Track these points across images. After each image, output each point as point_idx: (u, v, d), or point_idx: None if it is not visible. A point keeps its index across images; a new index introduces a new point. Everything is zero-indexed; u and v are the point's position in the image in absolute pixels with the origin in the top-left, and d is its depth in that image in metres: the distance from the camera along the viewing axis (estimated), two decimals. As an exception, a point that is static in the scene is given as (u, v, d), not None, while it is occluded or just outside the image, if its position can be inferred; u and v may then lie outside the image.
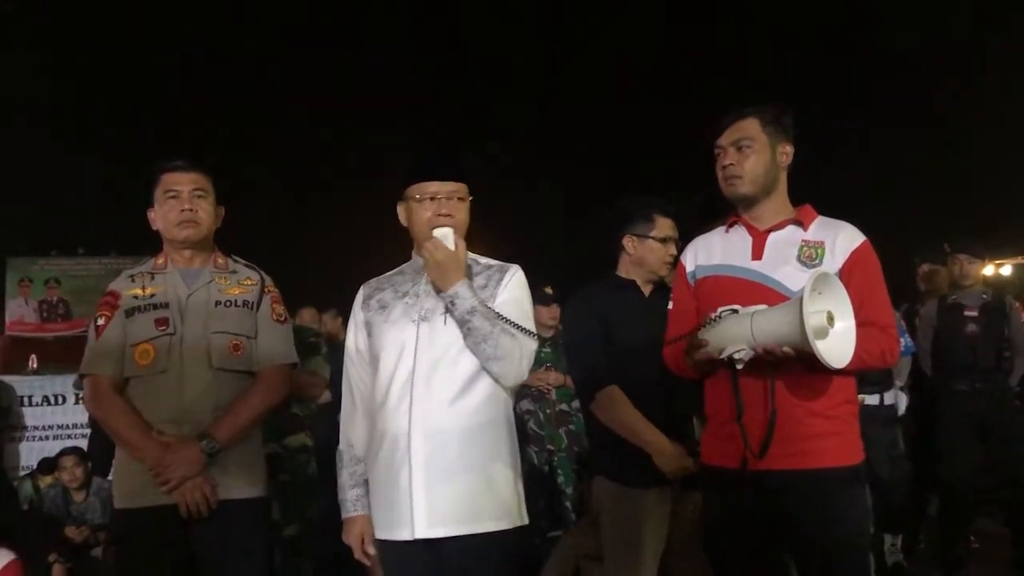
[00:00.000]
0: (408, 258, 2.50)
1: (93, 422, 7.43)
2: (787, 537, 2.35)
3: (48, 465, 6.50)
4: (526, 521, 2.34)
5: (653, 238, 3.06)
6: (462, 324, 2.25)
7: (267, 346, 2.75)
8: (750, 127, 2.46)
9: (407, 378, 2.28)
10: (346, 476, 2.40)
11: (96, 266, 16.16)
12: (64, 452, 6.17)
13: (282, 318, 2.83)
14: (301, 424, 4.19)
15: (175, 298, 2.69)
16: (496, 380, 2.30)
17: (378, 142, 14.91)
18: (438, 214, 2.33)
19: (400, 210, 2.43)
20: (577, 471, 4.98)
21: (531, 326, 2.32)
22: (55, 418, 8.79)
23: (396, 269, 2.51)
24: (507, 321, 2.26)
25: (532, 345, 2.30)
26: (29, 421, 8.99)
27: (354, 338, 2.44)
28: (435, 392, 2.26)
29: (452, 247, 2.27)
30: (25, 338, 15.36)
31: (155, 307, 2.67)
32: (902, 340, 4.69)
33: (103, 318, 2.67)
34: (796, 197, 2.55)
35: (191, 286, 2.73)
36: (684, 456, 2.73)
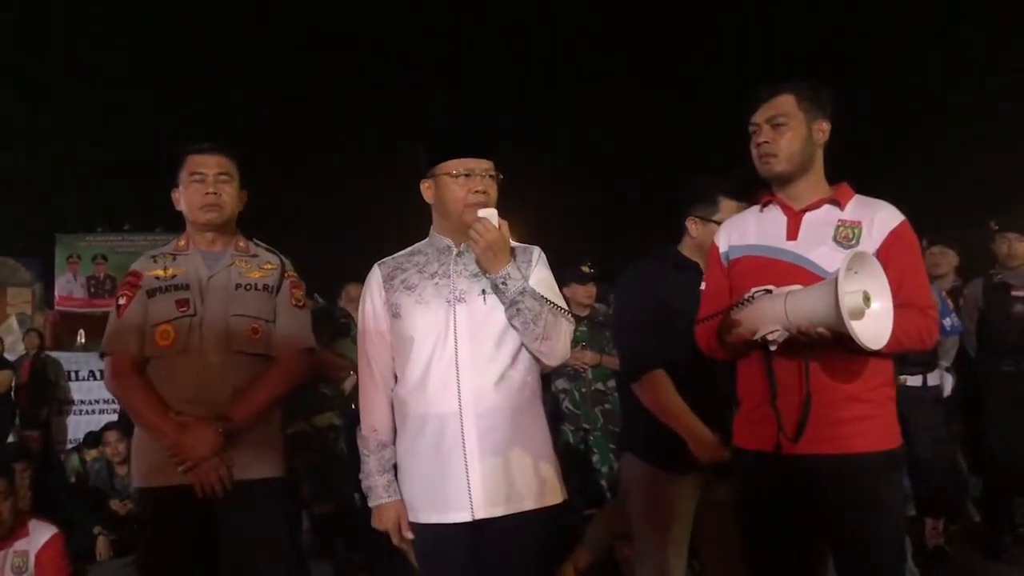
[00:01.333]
0: (421, 236, 2.47)
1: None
2: (821, 522, 2.30)
3: (94, 439, 6.65)
4: (565, 496, 2.35)
5: (716, 221, 2.93)
6: (512, 305, 2.23)
7: (285, 330, 2.75)
8: (786, 104, 2.39)
9: (450, 360, 2.26)
10: (374, 462, 2.36)
11: (142, 242, 16.38)
12: (107, 427, 6.30)
13: (301, 303, 2.84)
14: (329, 404, 4.22)
15: (196, 280, 2.70)
16: (539, 360, 2.31)
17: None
18: (473, 191, 2.30)
19: (425, 187, 2.39)
20: (613, 450, 4.96)
21: (563, 303, 2.32)
22: (102, 392, 8.96)
23: (411, 248, 2.46)
24: (549, 301, 2.24)
25: (571, 324, 2.31)
26: (76, 395, 9.21)
27: (372, 318, 2.39)
28: (483, 374, 2.25)
29: (497, 227, 2.24)
30: (74, 313, 15.70)
31: (176, 288, 2.68)
32: (948, 319, 4.59)
33: (124, 297, 2.70)
34: (832, 175, 2.48)
35: (212, 268, 2.74)
36: (721, 447, 2.67)
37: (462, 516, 2.22)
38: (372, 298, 2.40)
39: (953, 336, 4.78)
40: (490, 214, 2.24)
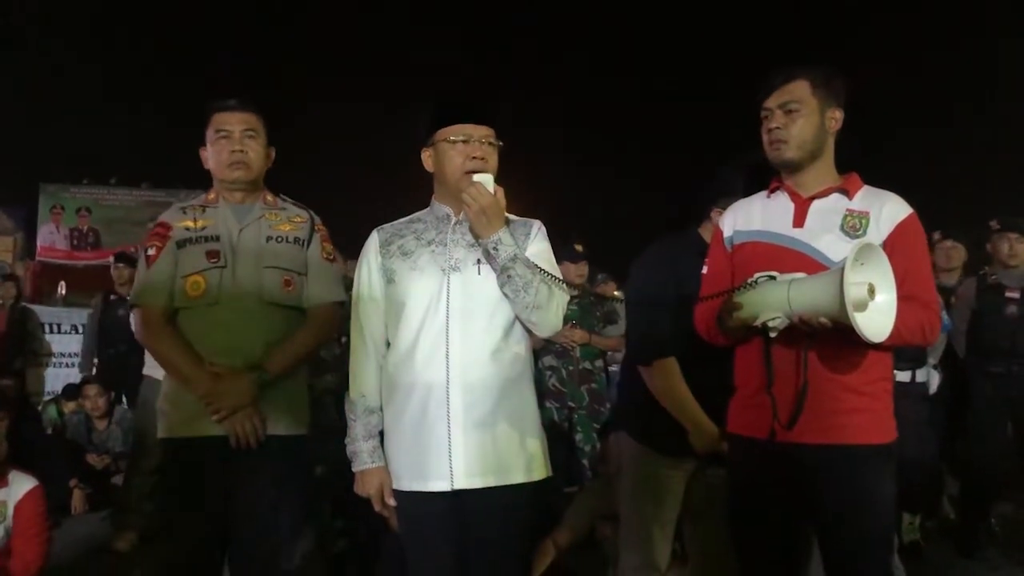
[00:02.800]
0: (422, 205, 2.45)
1: (102, 349, 7.48)
2: (811, 511, 2.30)
3: (72, 391, 6.58)
4: (551, 472, 2.36)
5: None
6: (503, 271, 2.21)
7: (317, 284, 2.76)
8: (799, 90, 2.36)
9: (441, 329, 2.24)
10: (360, 427, 2.35)
11: (127, 197, 16.31)
12: (87, 380, 6.25)
13: (331, 256, 2.84)
14: (327, 367, 4.20)
15: (226, 232, 2.69)
16: (531, 330, 2.30)
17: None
18: (472, 157, 2.27)
19: (425, 155, 2.37)
20: (597, 430, 4.95)
21: (560, 277, 2.30)
22: (81, 346, 8.87)
23: (410, 216, 2.45)
24: (543, 271, 2.23)
25: (565, 297, 2.29)
26: (56, 348, 9.12)
27: (368, 283, 2.38)
28: (473, 344, 2.24)
29: (492, 192, 2.21)
30: (55, 265, 15.57)
31: (206, 239, 2.67)
32: (941, 316, 4.60)
33: (154, 248, 2.68)
34: (842, 165, 2.45)
35: (242, 221, 2.72)
36: (719, 440, 2.66)
37: (441, 485, 2.22)
38: (368, 263, 2.39)
39: (942, 334, 4.79)
40: (485, 179, 2.22)
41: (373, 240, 2.41)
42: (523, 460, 2.27)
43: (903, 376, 4.47)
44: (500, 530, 2.25)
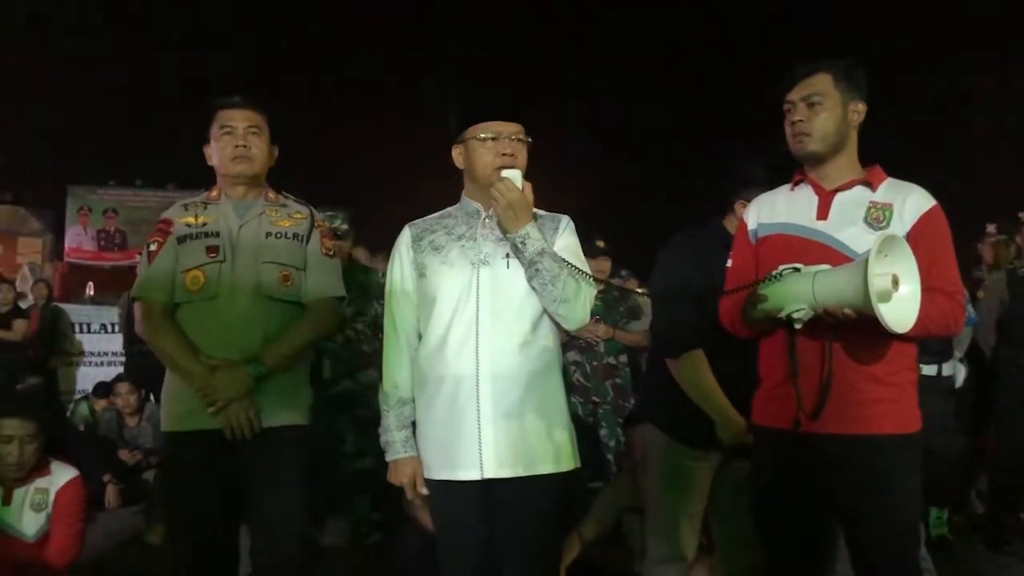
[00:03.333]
0: (452, 201, 2.49)
1: (129, 346, 7.59)
2: (836, 502, 2.31)
3: (104, 389, 6.68)
4: (579, 464, 2.39)
5: None
6: (531, 265, 2.25)
7: (316, 279, 2.78)
8: (822, 83, 2.37)
9: (470, 322, 2.29)
10: (392, 418, 2.41)
11: (153, 198, 16.48)
12: (119, 378, 6.34)
13: (331, 252, 2.86)
14: (370, 361, 4.25)
15: (226, 228, 2.73)
16: (559, 323, 2.33)
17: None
18: (501, 154, 2.31)
19: (456, 152, 2.41)
20: (621, 423, 4.96)
21: (588, 272, 2.33)
22: (111, 344, 9.04)
23: (442, 212, 2.49)
24: (570, 265, 2.25)
25: (592, 291, 2.32)
26: (86, 347, 9.25)
27: (400, 277, 2.43)
28: (502, 337, 2.28)
29: (520, 188, 2.25)
30: (83, 265, 15.77)
31: (206, 235, 2.71)
32: (968, 309, 4.58)
33: (155, 244, 2.73)
34: (866, 157, 2.46)
35: (243, 217, 2.76)
36: (746, 432, 2.67)
37: (472, 474, 2.26)
38: (400, 258, 2.44)
39: (968, 327, 4.77)
40: (514, 175, 2.26)
41: (405, 235, 2.46)
42: (552, 451, 2.30)
43: (929, 370, 4.46)
44: (530, 520, 2.28)
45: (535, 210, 2.35)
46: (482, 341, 2.27)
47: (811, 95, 2.37)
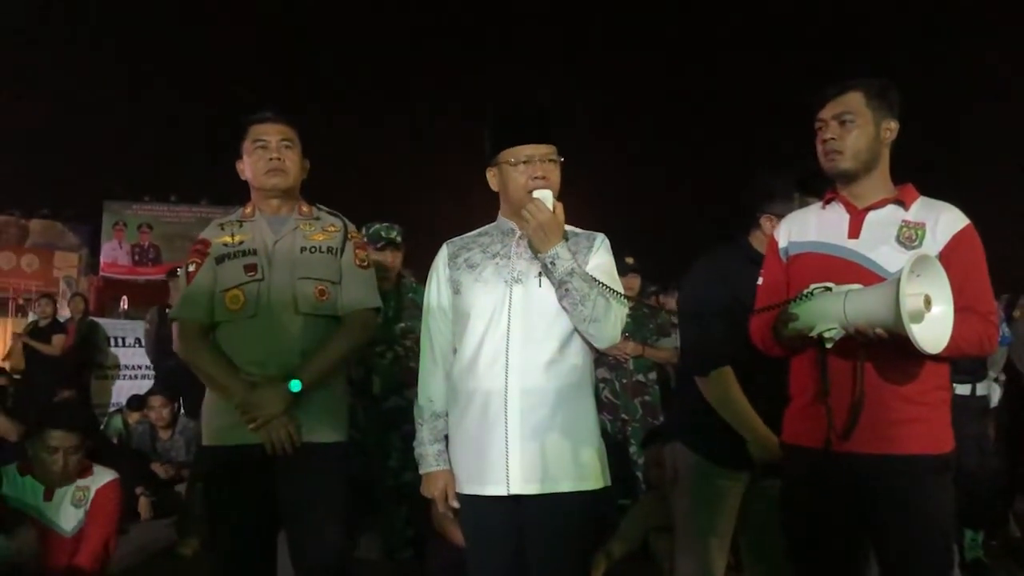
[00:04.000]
0: (489, 220, 2.52)
1: (158, 362, 7.67)
2: (867, 522, 2.29)
3: (137, 402, 6.75)
4: (609, 482, 2.38)
5: None
6: (560, 285, 2.27)
7: (351, 291, 2.81)
8: (854, 101, 2.37)
9: (502, 338, 2.32)
10: (426, 432, 2.46)
11: (187, 213, 16.71)
12: (152, 392, 6.41)
13: (365, 263, 2.89)
14: (415, 378, 4.28)
15: (262, 245, 2.77)
16: (589, 342, 2.34)
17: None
18: (533, 177, 2.34)
19: (490, 174, 2.45)
20: (643, 440, 4.94)
21: (620, 290, 2.34)
22: (145, 358, 9.11)
23: (478, 230, 2.53)
24: (601, 284, 2.27)
25: (624, 310, 2.33)
26: (120, 360, 9.37)
27: (436, 294, 2.48)
28: (532, 354, 2.30)
29: (551, 209, 2.28)
30: (117, 280, 15.99)
31: (244, 254, 2.75)
32: (1001, 329, 4.53)
33: (194, 264, 2.77)
34: (898, 176, 2.46)
35: (277, 233, 2.79)
36: (778, 449, 2.66)
37: (498, 490, 2.28)
38: (437, 275, 2.49)
39: (1002, 347, 4.72)
40: (545, 195, 2.30)
41: (443, 253, 2.50)
42: (580, 469, 2.30)
43: (963, 389, 4.41)
44: (556, 537, 2.29)
45: (570, 228, 2.39)
46: (512, 357, 2.30)
47: (843, 113, 2.37)
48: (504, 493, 2.27)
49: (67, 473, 3.51)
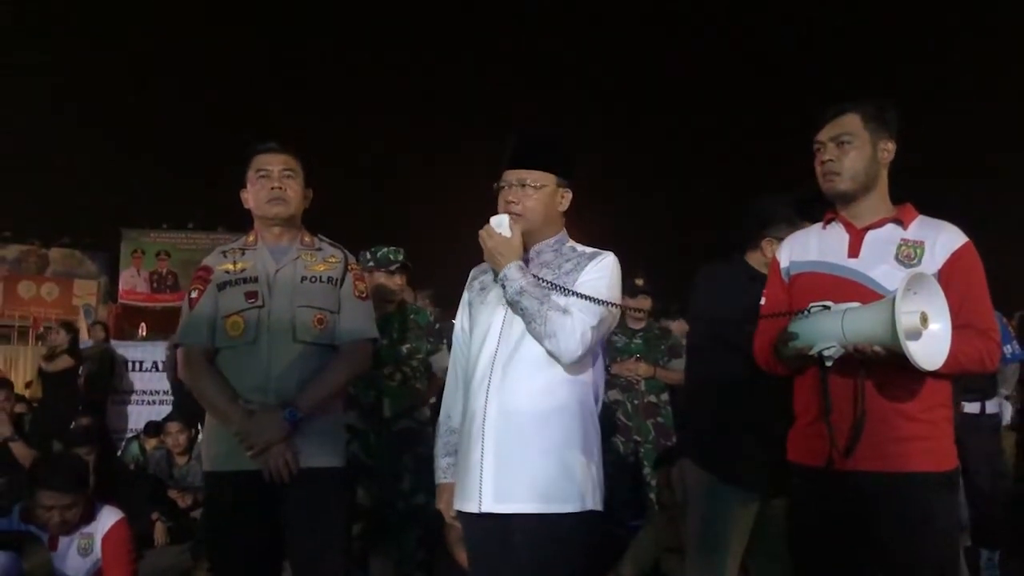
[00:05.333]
0: None
1: (177, 387, 7.75)
2: (872, 539, 2.30)
3: (154, 428, 6.81)
4: (598, 507, 2.35)
5: None
6: (514, 306, 2.34)
7: (349, 321, 2.86)
8: (851, 123, 2.41)
9: (490, 359, 2.37)
10: (440, 445, 2.53)
11: (204, 240, 16.84)
12: (169, 418, 6.46)
13: (364, 295, 2.94)
14: (424, 399, 4.32)
15: (264, 273, 2.81)
16: (554, 358, 2.32)
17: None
18: (507, 201, 2.42)
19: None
20: (656, 461, 4.95)
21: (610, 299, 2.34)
22: (163, 383, 9.17)
23: None
24: (569, 292, 2.30)
25: (590, 320, 2.29)
26: (138, 386, 9.44)
27: (460, 317, 2.57)
28: (511, 374, 2.34)
29: (508, 233, 2.35)
30: (136, 307, 16.12)
31: (245, 281, 2.80)
32: (1009, 347, 4.51)
33: (196, 291, 2.83)
34: (897, 195, 2.48)
35: (279, 262, 2.84)
36: None
37: (472, 507, 2.32)
38: (463, 299, 2.58)
39: (1014, 364, 4.69)
40: (499, 221, 2.38)
41: (470, 277, 2.59)
42: (562, 490, 2.29)
43: (972, 407, 4.40)
44: (539, 558, 2.27)
45: (584, 248, 2.45)
46: (495, 377, 2.35)
47: (840, 135, 2.40)
48: (476, 511, 2.31)
49: (66, 526, 3.50)
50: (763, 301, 2.62)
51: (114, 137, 17.51)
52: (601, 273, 2.39)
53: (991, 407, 4.52)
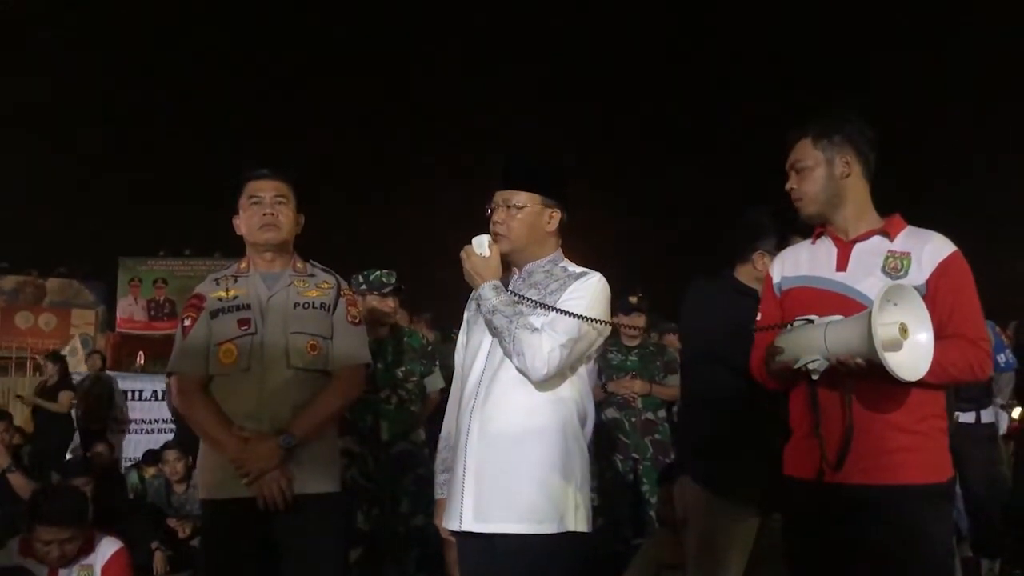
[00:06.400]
0: None
1: (177, 416, 7.75)
2: (865, 552, 2.30)
3: (153, 457, 6.79)
4: (581, 528, 2.34)
5: None
6: (488, 325, 2.38)
7: (342, 347, 2.85)
8: (802, 148, 2.46)
9: (477, 378, 2.41)
10: (439, 460, 2.56)
11: (202, 267, 16.82)
12: (167, 446, 6.45)
13: (356, 320, 2.94)
14: (418, 421, 4.34)
15: (256, 300, 2.82)
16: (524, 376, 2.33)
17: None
18: (493, 221, 2.46)
19: None
20: (658, 478, 4.94)
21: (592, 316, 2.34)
22: (161, 412, 9.16)
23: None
24: (545, 307, 2.33)
25: (560, 339, 2.29)
26: (137, 415, 9.42)
27: (461, 335, 2.61)
28: (493, 393, 2.36)
29: (487, 253, 2.40)
30: (134, 335, 16.10)
31: (238, 308, 2.80)
32: (1003, 355, 4.52)
33: (189, 319, 2.83)
34: (887, 207, 2.50)
35: (272, 288, 2.85)
36: None
37: (454, 524, 2.35)
38: (464, 317, 2.61)
39: (1008, 372, 4.69)
40: (479, 242, 2.43)
41: (470, 296, 2.58)
42: (540, 510, 2.28)
43: (967, 417, 4.40)
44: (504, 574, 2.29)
45: (575, 268, 2.46)
46: (479, 397, 2.38)
47: (796, 162, 2.46)
48: (457, 528, 2.35)
49: (65, 559, 3.47)
50: (759, 316, 2.64)
51: (109, 166, 17.55)
52: (581, 293, 2.38)
53: (987, 416, 4.52)
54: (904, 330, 2.13)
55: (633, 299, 5.27)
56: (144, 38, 17.75)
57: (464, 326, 2.60)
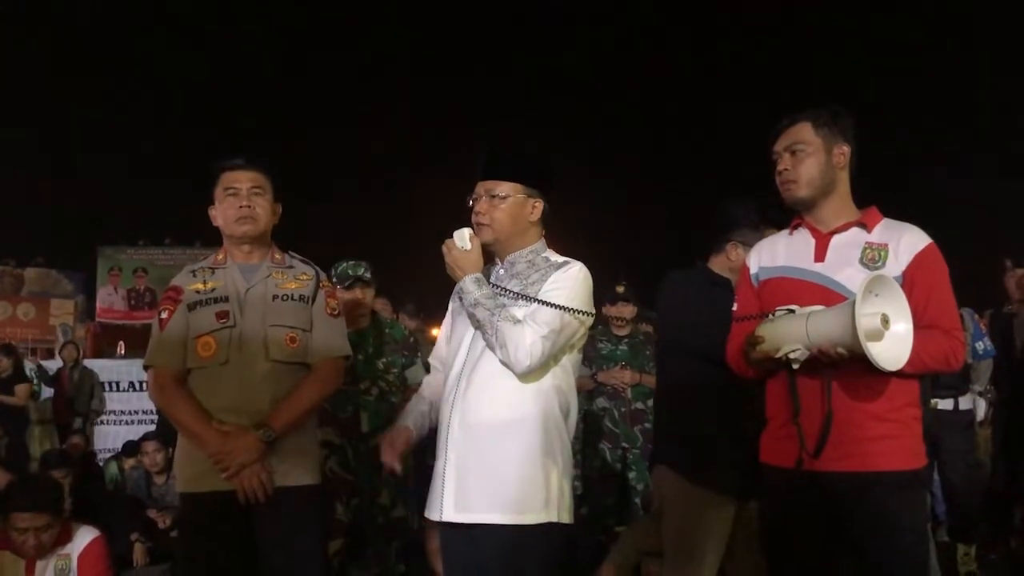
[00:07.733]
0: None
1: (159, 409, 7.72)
2: (844, 539, 2.33)
3: (132, 448, 6.76)
4: (563, 520, 2.34)
5: None
6: (470, 318, 2.38)
7: (321, 339, 2.82)
8: (803, 131, 2.46)
9: (459, 371, 2.41)
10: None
11: (182, 256, 16.67)
12: (146, 437, 6.41)
13: (336, 312, 2.91)
14: (399, 412, 4.31)
15: (234, 292, 2.78)
16: (507, 368, 2.33)
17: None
18: (475, 212, 2.45)
19: None
20: (648, 466, 4.96)
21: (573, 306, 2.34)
22: (141, 403, 9.12)
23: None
24: (527, 298, 2.33)
25: (541, 330, 2.29)
26: (116, 406, 9.35)
27: (444, 325, 2.63)
28: (473, 385, 2.37)
29: (468, 246, 2.41)
30: (114, 325, 15.98)
31: (216, 300, 2.76)
32: (981, 343, 4.55)
33: (166, 312, 2.78)
34: (863, 199, 2.52)
35: (250, 280, 2.81)
36: None
37: (435, 515, 2.36)
38: (449, 307, 2.61)
39: (986, 360, 4.73)
40: (460, 235, 2.43)
41: (455, 288, 2.54)
42: (521, 501, 2.29)
43: (945, 404, 4.43)
44: (504, 568, 2.28)
45: (557, 258, 2.45)
46: (460, 388, 2.38)
47: (794, 144, 2.45)
48: (437, 519, 2.36)
49: (42, 549, 3.45)
50: (735, 307, 2.65)
51: (87, 154, 17.40)
52: (562, 283, 2.38)
53: (964, 403, 4.55)
54: (886, 321, 2.16)
55: (619, 288, 5.27)
56: (118, 26, 17.58)
57: (448, 317, 2.60)
